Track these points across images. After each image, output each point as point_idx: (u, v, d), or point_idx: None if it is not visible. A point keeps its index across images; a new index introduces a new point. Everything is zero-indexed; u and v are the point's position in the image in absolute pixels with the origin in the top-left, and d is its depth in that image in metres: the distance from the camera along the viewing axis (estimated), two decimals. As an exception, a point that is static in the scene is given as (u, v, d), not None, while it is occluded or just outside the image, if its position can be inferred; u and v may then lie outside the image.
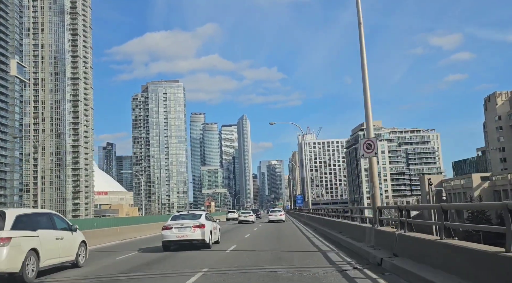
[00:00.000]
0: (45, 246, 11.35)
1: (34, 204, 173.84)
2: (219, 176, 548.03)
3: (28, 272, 10.51)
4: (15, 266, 10.19)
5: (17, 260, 10.25)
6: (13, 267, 10.18)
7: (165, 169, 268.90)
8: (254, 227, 38.22)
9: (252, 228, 37.35)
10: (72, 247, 13.11)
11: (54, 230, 12.31)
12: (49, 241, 11.70)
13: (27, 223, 11.19)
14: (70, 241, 13.01)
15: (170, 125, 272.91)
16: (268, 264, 12.20)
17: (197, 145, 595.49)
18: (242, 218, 49.70)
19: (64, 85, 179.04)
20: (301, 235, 24.98)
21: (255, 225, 43.40)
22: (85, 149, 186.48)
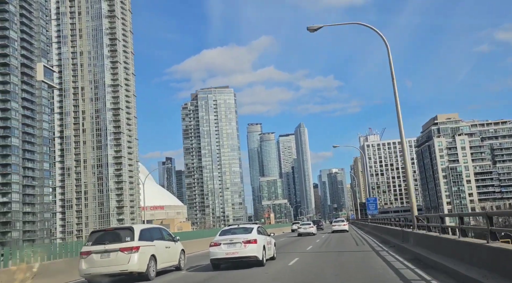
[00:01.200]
0: (159, 253, 14.75)
1: (78, 221, 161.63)
2: (278, 186, 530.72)
3: (150, 272, 13.90)
4: (143, 267, 13.64)
5: (143, 263, 13.68)
6: (142, 268, 13.63)
7: (218, 180, 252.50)
8: (316, 239, 36.26)
9: (313, 240, 34.30)
10: (176, 254, 16.47)
11: (164, 241, 15.71)
12: (161, 249, 15.08)
13: (146, 235, 14.56)
14: (175, 249, 16.44)
15: (221, 134, 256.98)
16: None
17: (255, 156, 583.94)
18: (301, 230, 46.95)
19: (103, 93, 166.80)
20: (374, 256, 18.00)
21: (317, 237, 40.95)
22: (129, 160, 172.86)
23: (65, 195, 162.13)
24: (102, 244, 13.68)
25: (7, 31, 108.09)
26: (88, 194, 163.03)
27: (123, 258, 13.43)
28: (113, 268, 13.39)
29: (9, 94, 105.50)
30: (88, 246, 13.83)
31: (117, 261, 13.38)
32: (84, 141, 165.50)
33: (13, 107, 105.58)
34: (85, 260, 13.58)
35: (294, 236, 46.34)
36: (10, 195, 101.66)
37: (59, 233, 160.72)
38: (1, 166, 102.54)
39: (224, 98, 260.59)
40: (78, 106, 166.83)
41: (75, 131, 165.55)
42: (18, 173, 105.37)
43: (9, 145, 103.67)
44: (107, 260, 13.43)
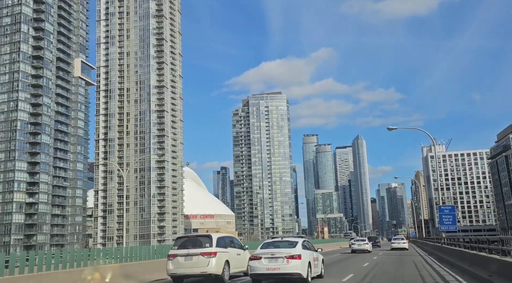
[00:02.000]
0: (232, 259, 16.26)
1: (119, 226, 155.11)
2: (334, 200, 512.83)
3: (225, 275, 15.51)
4: (219, 271, 15.21)
5: (220, 266, 15.30)
6: (218, 271, 15.21)
7: (268, 190, 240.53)
8: (373, 256, 34.27)
9: (368, 258, 30.86)
10: (245, 260, 17.15)
11: (235, 248, 17.04)
12: (234, 255, 16.51)
13: (222, 243, 16.23)
14: (244, 256, 17.40)
15: (272, 141, 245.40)
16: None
17: (310, 168, 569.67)
18: (355, 246, 44.07)
19: (148, 94, 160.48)
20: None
21: (372, 254, 37.57)
22: (173, 165, 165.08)
23: (106, 199, 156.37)
24: (186, 248, 16.04)
25: (42, 23, 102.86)
26: (130, 198, 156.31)
27: (203, 261, 15.48)
28: (195, 270, 15.57)
29: (41, 89, 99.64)
30: (175, 250, 16.16)
31: (198, 264, 15.47)
32: (128, 144, 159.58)
33: (45, 102, 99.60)
34: (172, 261, 15.91)
35: (348, 252, 43.58)
36: (37, 196, 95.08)
37: (100, 238, 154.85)
38: (30, 165, 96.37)
39: (276, 104, 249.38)
40: (123, 107, 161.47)
41: (119, 133, 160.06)
42: (47, 173, 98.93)
43: (39, 142, 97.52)
44: (190, 262, 15.69)
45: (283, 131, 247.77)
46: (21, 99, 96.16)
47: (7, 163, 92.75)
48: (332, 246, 65.77)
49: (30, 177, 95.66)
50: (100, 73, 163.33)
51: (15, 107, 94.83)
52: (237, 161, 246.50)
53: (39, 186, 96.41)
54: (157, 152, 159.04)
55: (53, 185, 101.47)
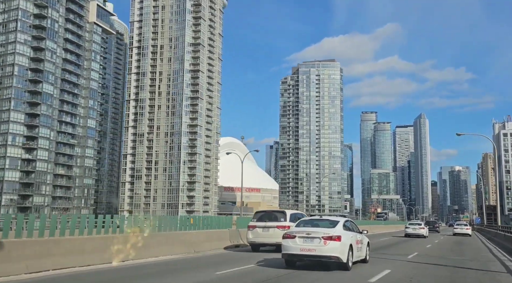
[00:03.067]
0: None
1: (146, 194, 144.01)
2: (391, 181, 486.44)
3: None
4: (344, 256, 13.07)
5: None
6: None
7: (316, 164, 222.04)
8: (427, 243, 29.88)
9: (424, 244, 28.77)
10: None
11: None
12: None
13: (293, 218, 18.02)
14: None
15: (322, 113, 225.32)
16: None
17: (367, 147, 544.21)
18: (409, 230, 41.11)
19: (183, 52, 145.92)
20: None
21: (428, 240, 34.85)
22: (207, 130, 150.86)
23: (135, 164, 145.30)
24: (263, 221, 18.75)
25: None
26: (159, 165, 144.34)
27: (278, 233, 16.93)
28: (271, 239, 18.35)
29: (45, 31, 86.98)
30: (254, 222, 18.97)
31: (274, 235, 17.91)
32: (159, 106, 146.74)
33: (49, 47, 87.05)
34: (251, 231, 18.78)
35: (401, 236, 40.87)
36: (36, 152, 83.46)
37: (127, 205, 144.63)
38: (28, 116, 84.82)
39: (328, 73, 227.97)
40: (156, 66, 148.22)
41: (150, 94, 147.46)
42: (49, 127, 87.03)
43: (40, 92, 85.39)
44: (267, 233, 18.42)
45: (334, 102, 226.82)
46: (20, 41, 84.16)
47: (2, 114, 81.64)
48: (384, 228, 61.75)
49: (28, 131, 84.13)
50: (134, 28, 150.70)
51: (13, 50, 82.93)
52: (283, 133, 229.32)
53: (38, 141, 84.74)
54: (189, 116, 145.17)
55: (57, 142, 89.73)
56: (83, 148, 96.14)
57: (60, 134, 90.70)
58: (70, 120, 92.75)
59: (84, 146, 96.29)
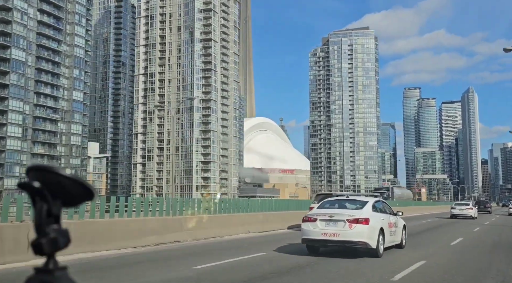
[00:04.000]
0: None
1: (159, 175, 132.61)
2: (436, 159, 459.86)
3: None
4: (373, 242, 11.53)
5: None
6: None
7: (350, 142, 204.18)
8: (476, 226, 27.08)
9: (471, 227, 26.05)
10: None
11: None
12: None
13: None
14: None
15: (356, 86, 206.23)
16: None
17: (410, 125, 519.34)
18: (456, 211, 38.27)
19: (192, 20, 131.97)
20: None
21: (477, 222, 31.77)
22: (222, 106, 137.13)
23: (146, 144, 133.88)
24: None
25: None
26: (171, 144, 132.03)
27: None
28: None
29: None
30: (315, 204, 16.96)
31: None
32: (170, 80, 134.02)
33: (16, 5, 75.03)
34: None
35: (446, 217, 37.00)
36: (5, 128, 72.38)
37: (139, 188, 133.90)
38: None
39: (361, 42, 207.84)
40: (165, 36, 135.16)
41: (160, 68, 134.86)
42: (23, 99, 75.62)
43: (8, 58, 73.87)
44: None
45: (369, 74, 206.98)
46: (-19, 1, 72.86)
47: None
48: (428, 209, 57.97)
49: (-5, 104, 73.07)
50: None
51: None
52: (314, 109, 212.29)
53: (8, 116, 73.57)
54: (202, 90, 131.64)
55: (34, 117, 78.27)
56: (68, 124, 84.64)
57: (38, 108, 79.40)
58: (51, 92, 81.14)
59: (69, 122, 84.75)
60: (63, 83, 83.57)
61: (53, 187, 0.99)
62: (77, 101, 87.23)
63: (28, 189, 0.99)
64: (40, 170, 0.98)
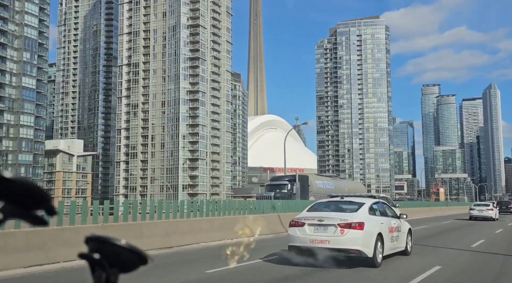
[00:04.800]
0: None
1: (143, 174, 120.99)
2: (457, 158, 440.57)
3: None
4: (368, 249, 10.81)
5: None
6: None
7: (359, 139, 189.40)
8: (497, 228, 24.91)
9: (492, 229, 23.91)
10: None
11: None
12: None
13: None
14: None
15: (366, 79, 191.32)
16: None
17: (429, 123, 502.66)
18: (475, 212, 35.63)
19: (179, 3, 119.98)
20: None
21: (499, 224, 29.40)
22: (213, 98, 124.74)
23: (129, 140, 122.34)
24: None
25: None
26: (156, 140, 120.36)
27: None
28: None
29: None
30: None
31: None
32: (155, 70, 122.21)
33: None
34: None
35: (465, 219, 34.60)
36: None
37: (122, 188, 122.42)
38: None
39: (371, 32, 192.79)
40: (150, 23, 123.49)
41: (144, 57, 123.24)
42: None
43: None
44: None
45: (379, 66, 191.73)
46: None
47: None
48: (447, 210, 53.10)
49: None
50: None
51: None
52: (320, 104, 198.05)
53: None
54: (189, 80, 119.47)
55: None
56: (17, 115, 73.25)
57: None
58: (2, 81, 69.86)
59: (17, 112, 73.34)
60: (10, 68, 72.26)
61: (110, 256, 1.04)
62: (28, 88, 75.83)
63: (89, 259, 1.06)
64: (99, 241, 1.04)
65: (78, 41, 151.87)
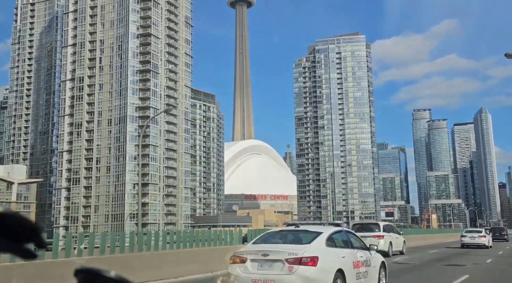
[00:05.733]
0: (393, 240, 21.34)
1: (86, 202, 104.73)
2: (450, 183, 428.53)
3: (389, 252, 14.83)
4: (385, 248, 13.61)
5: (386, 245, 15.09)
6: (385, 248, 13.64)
7: (341, 161, 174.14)
8: (488, 257, 23.78)
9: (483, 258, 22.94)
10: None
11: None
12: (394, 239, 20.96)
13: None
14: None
15: (346, 98, 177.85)
16: None
17: (421, 148, 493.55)
18: (466, 239, 33.86)
19: (127, 11, 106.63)
20: None
21: (491, 252, 28.61)
22: (170, 116, 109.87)
23: (72, 163, 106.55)
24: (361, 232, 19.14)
25: None
26: (101, 163, 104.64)
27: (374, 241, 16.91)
28: None
29: None
30: None
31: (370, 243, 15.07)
32: (101, 85, 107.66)
33: None
34: None
35: (456, 247, 33.30)
36: None
37: (63, 218, 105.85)
38: None
39: (351, 49, 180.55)
40: (96, 33, 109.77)
41: (90, 70, 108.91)
42: None
43: None
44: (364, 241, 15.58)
45: (361, 85, 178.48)
46: None
47: None
48: (437, 238, 51.01)
49: None
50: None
51: None
52: (299, 125, 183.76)
53: None
54: (138, 95, 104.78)
55: None
56: None
57: None
58: None
59: None
60: None
61: None
62: None
63: None
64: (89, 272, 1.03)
65: (33, 60, 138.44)
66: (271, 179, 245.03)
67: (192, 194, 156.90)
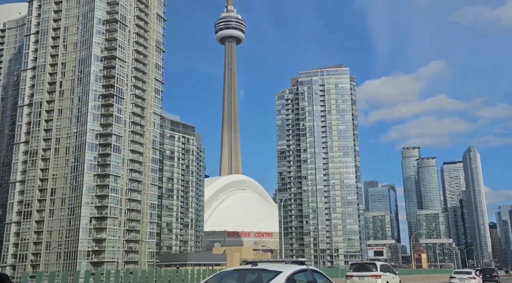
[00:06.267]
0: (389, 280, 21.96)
1: (37, 238, 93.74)
2: (441, 222, 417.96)
3: None
4: None
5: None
6: None
7: (324, 197, 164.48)
8: None
9: None
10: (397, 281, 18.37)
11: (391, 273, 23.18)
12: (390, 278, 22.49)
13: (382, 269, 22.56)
14: (396, 280, 21.86)
15: (330, 131, 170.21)
16: None
17: (411, 186, 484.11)
18: (456, 281, 34.25)
19: (91, 34, 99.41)
20: None
21: None
22: (134, 143, 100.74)
23: (24, 195, 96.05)
24: (359, 271, 21.43)
25: None
26: (56, 194, 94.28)
27: (372, 281, 20.34)
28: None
29: None
30: (351, 272, 21.88)
31: None
32: (60, 110, 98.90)
33: None
34: (350, 280, 21.44)
35: None
36: None
37: (11, 257, 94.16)
38: None
39: (334, 81, 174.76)
40: (58, 56, 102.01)
41: (49, 95, 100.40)
42: None
43: None
44: (362, 281, 21.06)
45: (345, 118, 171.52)
46: None
47: None
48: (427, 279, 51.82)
49: None
50: (33, 9, 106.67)
51: None
52: (282, 159, 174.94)
53: None
54: (99, 121, 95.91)
55: None
56: None
57: None
58: None
59: None
60: None
61: None
62: None
63: None
64: None
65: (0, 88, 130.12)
66: (256, 216, 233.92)
67: (168, 230, 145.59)
